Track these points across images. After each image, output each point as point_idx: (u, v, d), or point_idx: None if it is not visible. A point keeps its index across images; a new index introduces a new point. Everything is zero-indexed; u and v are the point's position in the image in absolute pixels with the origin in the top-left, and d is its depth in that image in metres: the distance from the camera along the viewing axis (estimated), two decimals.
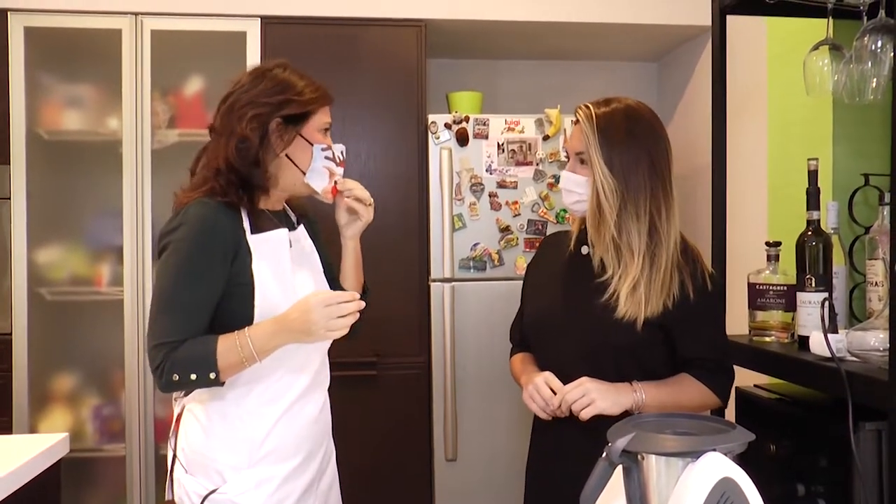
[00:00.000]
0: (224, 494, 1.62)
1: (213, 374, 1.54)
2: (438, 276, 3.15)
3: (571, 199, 1.71)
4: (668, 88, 3.96)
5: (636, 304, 1.61)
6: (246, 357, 1.55)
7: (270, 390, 1.66)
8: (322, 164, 1.70)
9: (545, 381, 1.65)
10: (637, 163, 1.63)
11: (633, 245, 1.63)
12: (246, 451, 1.64)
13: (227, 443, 1.64)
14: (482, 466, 3.18)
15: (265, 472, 1.65)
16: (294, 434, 1.68)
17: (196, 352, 1.54)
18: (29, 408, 3.00)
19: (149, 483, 3.04)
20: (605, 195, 1.62)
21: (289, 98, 1.64)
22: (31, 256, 3.04)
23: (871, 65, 1.72)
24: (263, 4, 3.13)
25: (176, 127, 3.18)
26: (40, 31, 3.05)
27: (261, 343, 1.55)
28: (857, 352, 1.56)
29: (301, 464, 1.70)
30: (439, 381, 3.16)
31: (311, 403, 1.73)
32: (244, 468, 1.64)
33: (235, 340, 1.55)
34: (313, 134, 1.69)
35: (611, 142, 1.63)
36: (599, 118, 1.65)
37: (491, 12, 3.28)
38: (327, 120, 1.72)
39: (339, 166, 1.74)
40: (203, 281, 1.57)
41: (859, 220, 2.08)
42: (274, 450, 1.65)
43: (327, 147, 1.71)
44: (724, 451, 1.05)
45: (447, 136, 3.16)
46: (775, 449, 1.76)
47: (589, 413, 1.56)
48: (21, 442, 1.77)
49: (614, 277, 1.65)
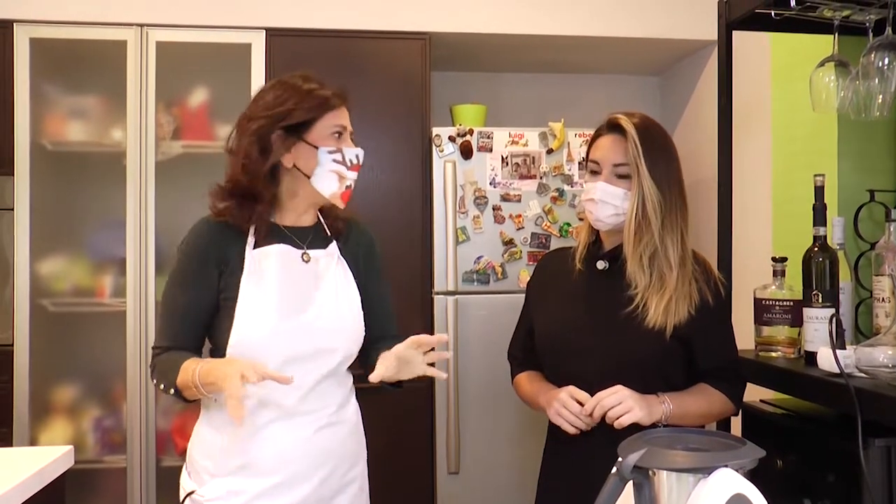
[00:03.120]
0: (201, 497, 1.65)
1: (173, 389, 1.58)
2: (442, 289, 3.15)
3: (607, 212, 1.68)
4: (671, 102, 3.98)
5: (666, 315, 1.62)
6: (194, 383, 1.53)
7: (251, 402, 1.60)
8: (329, 168, 1.64)
9: (571, 395, 1.64)
10: (671, 176, 1.67)
11: (672, 258, 1.64)
12: (220, 460, 1.65)
13: (207, 448, 1.67)
14: (484, 479, 3.16)
15: (236, 483, 1.63)
16: (273, 451, 1.63)
17: (168, 364, 1.60)
18: (30, 419, 2.98)
19: (150, 495, 3.01)
20: (652, 208, 1.63)
21: (289, 108, 1.61)
22: (34, 267, 3.03)
23: (878, 81, 1.73)
24: (269, 17, 3.14)
25: (180, 139, 3.17)
26: (45, 43, 3.05)
27: (203, 374, 1.52)
28: (865, 368, 1.56)
29: (281, 484, 1.63)
30: (442, 394, 3.15)
31: (304, 422, 1.65)
32: (219, 476, 1.64)
33: (194, 363, 1.55)
34: (320, 138, 1.64)
35: (654, 155, 1.65)
36: (641, 131, 1.65)
37: (495, 26, 3.29)
38: (339, 123, 1.67)
39: (352, 170, 1.67)
40: (188, 289, 1.64)
41: (864, 236, 2.08)
42: (248, 463, 1.62)
43: (335, 150, 1.65)
44: (736, 468, 1.05)
45: (451, 149, 3.17)
46: (782, 464, 1.76)
47: (627, 420, 1.55)
48: (25, 454, 1.77)
49: (646, 291, 1.65)
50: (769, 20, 1.95)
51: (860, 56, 1.77)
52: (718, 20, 2.12)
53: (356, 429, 1.79)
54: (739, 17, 2.04)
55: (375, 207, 3.16)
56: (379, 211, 3.17)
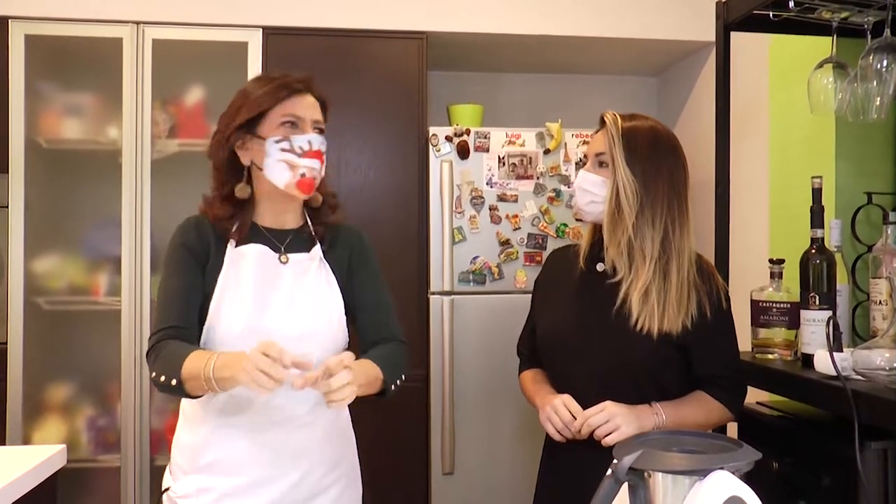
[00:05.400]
0: (174, 494, 1.67)
1: (175, 380, 1.49)
2: (438, 289, 3.14)
3: (586, 199, 1.71)
4: (668, 103, 3.97)
5: (650, 314, 1.61)
6: (205, 377, 1.46)
7: (221, 401, 1.62)
8: (277, 158, 1.60)
9: (564, 404, 1.63)
10: (657, 173, 1.65)
11: (646, 250, 1.64)
12: (189, 456, 1.66)
13: (180, 445, 1.70)
14: (479, 480, 3.16)
15: (205, 481, 1.63)
16: (239, 452, 1.62)
17: (170, 355, 1.53)
18: (23, 418, 2.97)
19: (143, 494, 3.01)
20: (625, 195, 1.63)
21: (240, 105, 1.64)
22: (29, 265, 3.02)
23: (876, 83, 1.73)
24: (265, 15, 3.13)
25: (176, 137, 3.16)
26: (41, 39, 3.04)
27: (218, 369, 1.45)
28: (862, 371, 1.55)
29: (250, 485, 1.61)
30: (437, 395, 3.14)
31: (275, 425, 1.63)
32: (189, 472, 1.65)
33: (203, 357, 1.49)
34: (269, 130, 1.61)
35: (634, 148, 1.65)
36: (625, 124, 1.68)
37: (492, 25, 3.29)
38: (290, 112, 1.62)
39: (305, 157, 1.61)
40: (177, 275, 1.64)
41: (862, 239, 2.08)
42: (214, 462, 1.62)
43: (282, 138, 1.60)
44: (732, 470, 1.04)
45: (448, 149, 3.16)
46: (778, 466, 1.75)
47: (614, 439, 1.53)
48: (18, 453, 1.75)
49: (625, 282, 1.65)
50: (767, 21, 1.95)
51: (858, 58, 1.77)
52: (716, 21, 2.12)
53: (338, 431, 1.76)
54: (738, 18, 2.04)
55: (371, 207, 3.16)
56: (375, 210, 3.16)
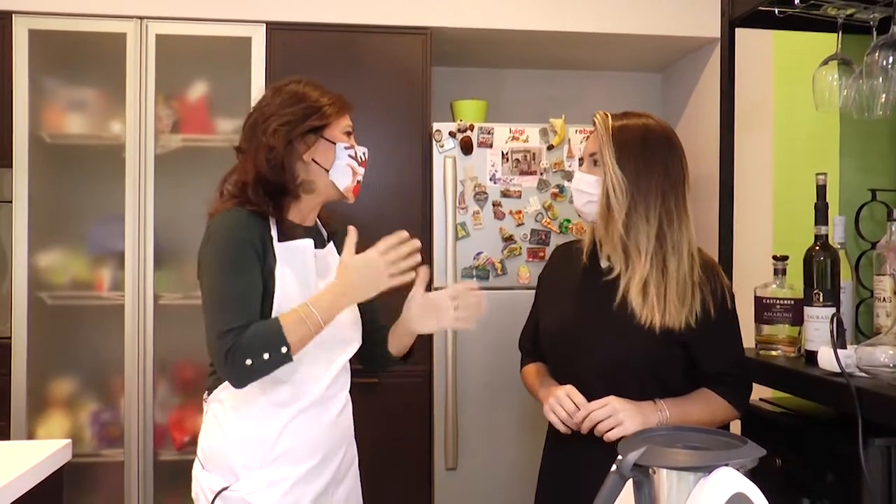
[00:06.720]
0: (236, 492, 1.65)
1: (285, 348, 1.56)
2: (441, 285, 3.14)
3: (582, 199, 1.71)
4: (672, 99, 3.97)
5: (650, 308, 1.60)
6: (314, 326, 1.59)
7: (286, 392, 1.67)
8: (345, 163, 1.77)
9: (567, 395, 1.63)
10: (650, 169, 1.64)
11: (641, 245, 1.63)
12: (259, 451, 1.66)
13: (242, 442, 1.67)
14: (482, 476, 3.16)
15: (278, 472, 1.66)
16: (309, 437, 1.70)
17: (263, 332, 1.57)
18: (27, 412, 2.97)
19: (147, 489, 3.01)
20: (614, 193, 1.63)
21: (308, 106, 1.73)
22: (32, 260, 3.02)
23: (882, 80, 1.73)
24: (269, 10, 3.13)
25: (180, 132, 3.16)
26: (44, 34, 3.04)
27: (326, 311, 1.60)
28: (866, 367, 1.55)
29: (316, 467, 1.71)
30: (440, 390, 3.15)
31: (329, 407, 1.75)
32: (257, 468, 1.66)
33: (299, 314, 1.59)
34: (336, 135, 1.76)
35: (624, 146, 1.65)
36: (616, 122, 1.68)
37: (496, 21, 3.28)
38: (348, 123, 1.80)
39: (361, 166, 1.81)
40: (245, 273, 1.63)
41: (866, 236, 2.07)
42: (287, 451, 1.67)
43: (350, 146, 1.78)
44: (737, 466, 1.04)
45: (451, 145, 3.16)
46: (781, 463, 1.75)
47: (617, 434, 1.54)
48: (23, 448, 1.76)
49: (622, 277, 1.65)
50: (772, 18, 1.94)
51: (864, 55, 1.77)
52: (721, 17, 2.11)
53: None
54: (742, 14, 2.04)
55: (375, 202, 3.15)
56: (378, 206, 3.16)
